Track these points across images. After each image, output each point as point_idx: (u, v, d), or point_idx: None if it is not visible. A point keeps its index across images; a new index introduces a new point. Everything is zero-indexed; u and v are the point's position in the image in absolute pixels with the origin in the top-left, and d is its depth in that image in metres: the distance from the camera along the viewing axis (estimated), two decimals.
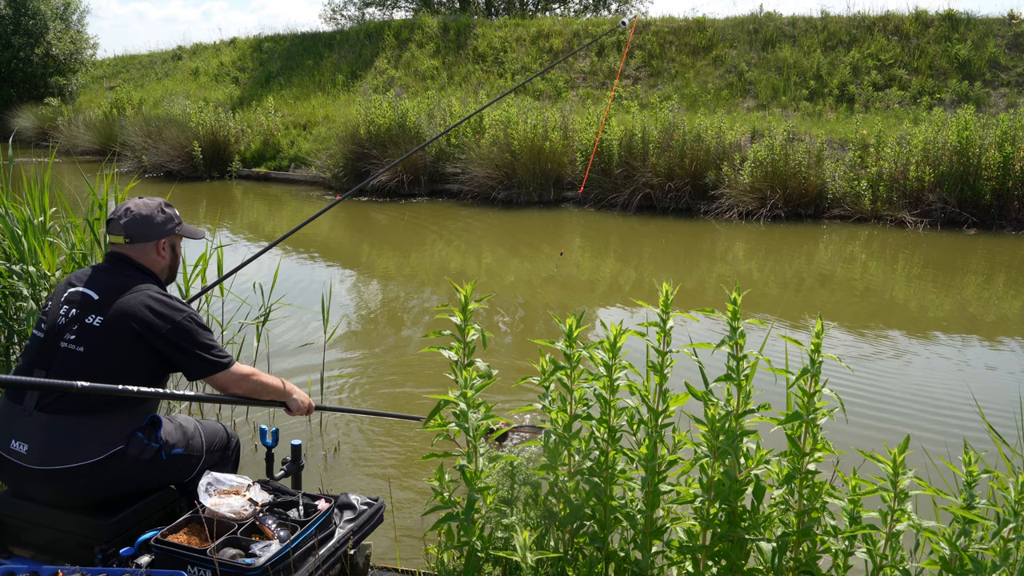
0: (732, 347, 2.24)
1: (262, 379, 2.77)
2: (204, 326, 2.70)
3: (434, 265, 9.76)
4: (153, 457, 2.60)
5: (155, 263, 2.80)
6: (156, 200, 2.86)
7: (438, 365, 5.57)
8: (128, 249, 2.77)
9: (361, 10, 28.56)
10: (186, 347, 2.62)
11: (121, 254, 2.77)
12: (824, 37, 16.33)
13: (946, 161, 10.96)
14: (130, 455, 2.55)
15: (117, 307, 2.60)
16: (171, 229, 2.83)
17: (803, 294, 8.35)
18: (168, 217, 2.84)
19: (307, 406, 2.89)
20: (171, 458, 2.67)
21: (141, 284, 2.69)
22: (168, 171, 16.33)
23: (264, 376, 2.79)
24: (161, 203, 2.86)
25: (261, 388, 2.76)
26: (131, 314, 2.59)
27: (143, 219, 2.77)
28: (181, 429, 2.76)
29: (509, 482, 2.54)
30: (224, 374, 2.68)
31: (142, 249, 2.77)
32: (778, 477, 2.27)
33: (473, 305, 2.55)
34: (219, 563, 2.27)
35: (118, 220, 2.77)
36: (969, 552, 2.06)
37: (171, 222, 2.84)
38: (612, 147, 12.55)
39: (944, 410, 5.11)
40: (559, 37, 18.58)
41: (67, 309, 2.62)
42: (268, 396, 2.80)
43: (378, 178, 13.35)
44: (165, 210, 2.85)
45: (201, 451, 2.80)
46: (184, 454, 2.73)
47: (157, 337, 2.58)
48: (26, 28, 26.28)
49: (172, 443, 2.69)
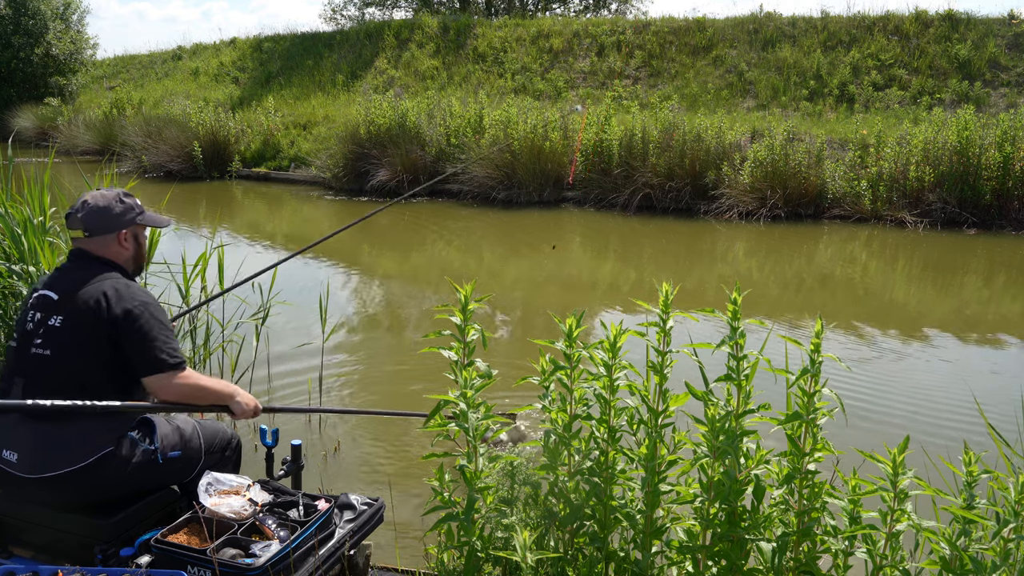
0: (732, 347, 2.24)
1: (204, 383, 2.65)
2: (162, 320, 2.61)
3: (434, 265, 9.76)
4: (148, 460, 2.57)
5: (118, 255, 2.74)
6: (114, 191, 2.79)
7: (438, 365, 5.57)
8: (88, 243, 2.70)
9: (361, 10, 28.60)
10: (135, 337, 2.53)
11: (82, 250, 2.71)
12: (824, 37, 16.33)
13: (946, 161, 10.96)
14: (122, 457, 2.51)
15: (74, 302, 2.56)
16: (131, 219, 2.76)
17: (803, 294, 8.35)
18: (128, 207, 2.76)
19: (252, 409, 2.77)
20: (168, 461, 2.63)
21: (102, 275, 2.63)
22: (168, 171, 16.33)
23: (207, 380, 2.68)
24: (119, 193, 2.79)
25: (202, 393, 2.63)
26: (86, 306, 2.54)
27: (101, 211, 2.70)
28: (178, 431, 2.72)
29: (509, 482, 2.54)
30: (167, 376, 2.55)
31: (103, 242, 2.70)
32: (778, 477, 2.27)
33: (473, 305, 2.55)
34: (219, 563, 2.27)
35: (75, 214, 2.70)
36: (969, 552, 2.06)
37: (131, 211, 2.77)
38: (612, 147, 12.55)
39: (944, 410, 5.11)
40: (559, 37, 18.58)
41: (33, 314, 2.60)
42: (209, 400, 2.67)
43: (446, 182, 13.39)
44: (124, 200, 2.77)
45: (200, 453, 2.76)
46: (182, 456, 2.69)
47: (110, 324, 2.51)
48: (26, 28, 26.28)
49: (169, 446, 2.65)
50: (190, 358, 5.15)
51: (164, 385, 2.56)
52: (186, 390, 2.59)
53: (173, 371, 2.56)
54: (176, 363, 2.58)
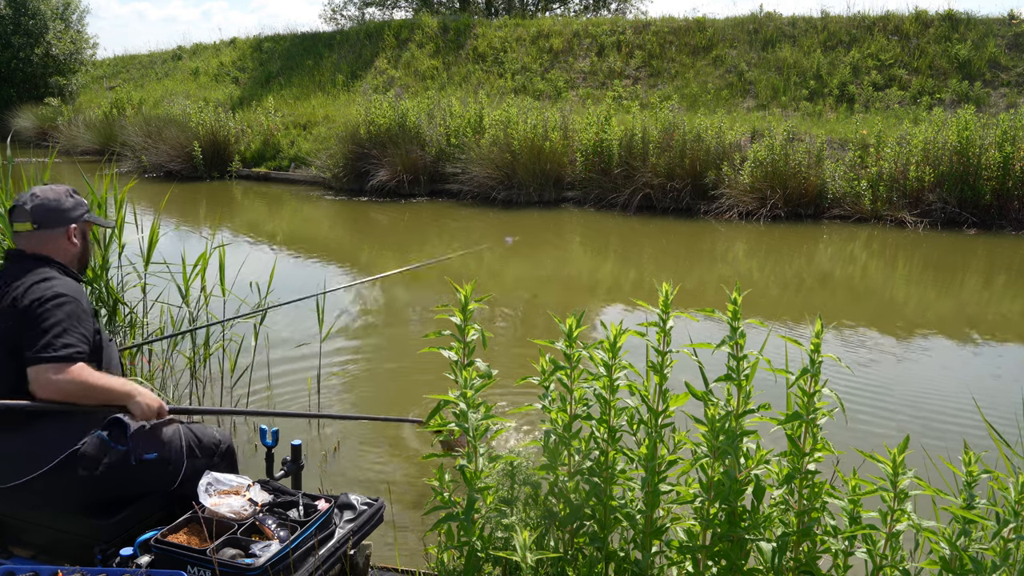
0: (732, 347, 2.24)
1: (93, 381, 2.44)
2: (69, 313, 2.44)
3: (434, 265, 9.76)
4: (120, 461, 2.50)
5: (65, 251, 2.63)
6: (63, 186, 2.71)
7: (438, 365, 5.57)
8: (32, 239, 2.59)
9: (361, 10, 28.62)
10: (30, 325, 2.39)
11: (20, 251, 2.61)
12: (824, 37, 16.33)
13: (946, 161, 10.96)
14: (90, 457, 2.44)
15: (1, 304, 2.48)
16: (80, 215, 2.68)
17: (803, 294, 8.35)
18: (77, 203, 2.69)
19: (155, 409, 2.59)
20: (142, 463, 2.55)
21: (34, 271, 2.52)
22: (168, 171, 16.33)
23: (98, 377, 2.48)
24: (69, 189, 2.71)
25: (89, 391, 2.43)
26: (7, 305, 2.46)
27: (52, 203, 2.61)
28: (156, 432, 2.63)
29: (509, 482, 2.54)
30: (48, 368, 2.35)
31: (50, 237, 2.60)
32: (778, 477, 2.27)
33: (473, 305, 2.55)
34: (219, 563, 2.27)
35: (23, 206, 2.59)
36: (969, 552, 2.06)
37: (80, 207, 2.69)
38: (612, 147, 12.55)
39: (944, 410, 5.11)
40: (559, 37, 18.58)
41: None
42: (99, 400, 2.48)
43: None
44: (74, 195, 2.70)
45: (181, 456, 2.65)
46: (159, 459, 2.59)
47: (19, 318, 2.42)
48: (26, 28, 26.28)
49: (144, 447, 2.56)
50: (189, 358, 5.15)
51: (43, 379, 2.36)
52: (70, 387, 2.39)
53: (55, 363, 2.36)
54: (61, 356, 2.37)
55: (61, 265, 2.62)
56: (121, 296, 4.97)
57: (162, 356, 5.12)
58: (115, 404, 2.53)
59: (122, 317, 4.90)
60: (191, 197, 14.62)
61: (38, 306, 2.43)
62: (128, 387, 2.55)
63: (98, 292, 4.71)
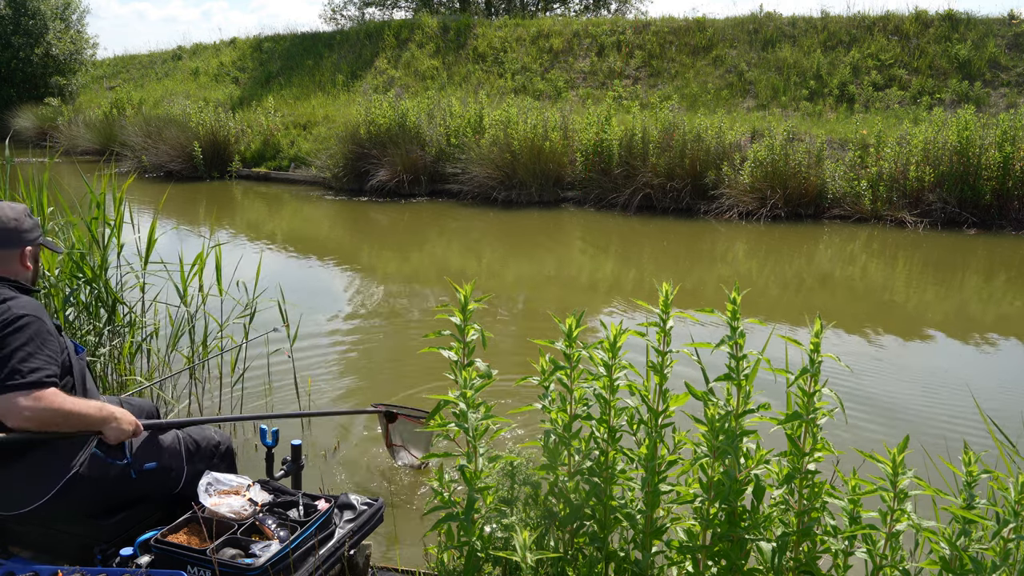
0: (732, 347, 2.24)
1: (68, 407, 2.34)
2: (33, 336, 2.34)
3: (434, 265, 9.76)
4: (120, 475, 2.51)
5: (18, 272, 2.57)
6: (21, 206, 2.64)
7: (438, 365, 5.57)
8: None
9: (361, 10, 28.61)
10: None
11: None
12: (824, 37, 16.33)
13: (946, 161, 10.96)
14: (91, 478, 2.44)
15: None
16: (35, 237, 2.62)
17: (803, 294, 8.35)
18: (35, 223, 2.64)
19: (131, 431, 2.51)
20: (143, 474, 2.56)
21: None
22: (168, 171, 16.34)
23: (72, 403, 2.36)
24: (26, 210, 2.64)
25: (64, 418, 2.33)
26: None
27: (9, 223, 2.55)
28: (154, 442, 2.63)
29: (509, 482, 2.54)
30: (16, 396, 2.24)
31: (4, 256, 2.53)
32: (778, 477, 2.27)
33: (473, 305, 2.55)
34: (219, 563, 2.27)
35: None
36: (969, 552, 2.06)
37: (36, 229, 2.64)
38: (612, 147, 12.55)
39: (944, 410, 5.11)
40: (559, 37, 18.58)
41: None
42: (74, 427, 2.38)
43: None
44: (32, 217, 2.64)
45: (181, 463, 2.67)
46: (159, 467, 2.60)
47: None
48: (26, 28, 26.27)
49: (143, 458, 2.57)
50: (188, 357, 5.15)
51: (14, 407, 2.24)
52: (44, 415, 2.27)
53: (24, 391, 2.25)
54: (30, 382, 2.26)
55: (15, 283, 2.54)
56: (120, 296, 4.97)
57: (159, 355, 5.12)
58: (91, 430, 2.43)
59: (120, 317, 4.90)
60: (191, 197, 14.62)
61: (3, 330, 2.33)
62: (104, 412, 2.44)
63: (97, 292, 4.71)
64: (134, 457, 2.54)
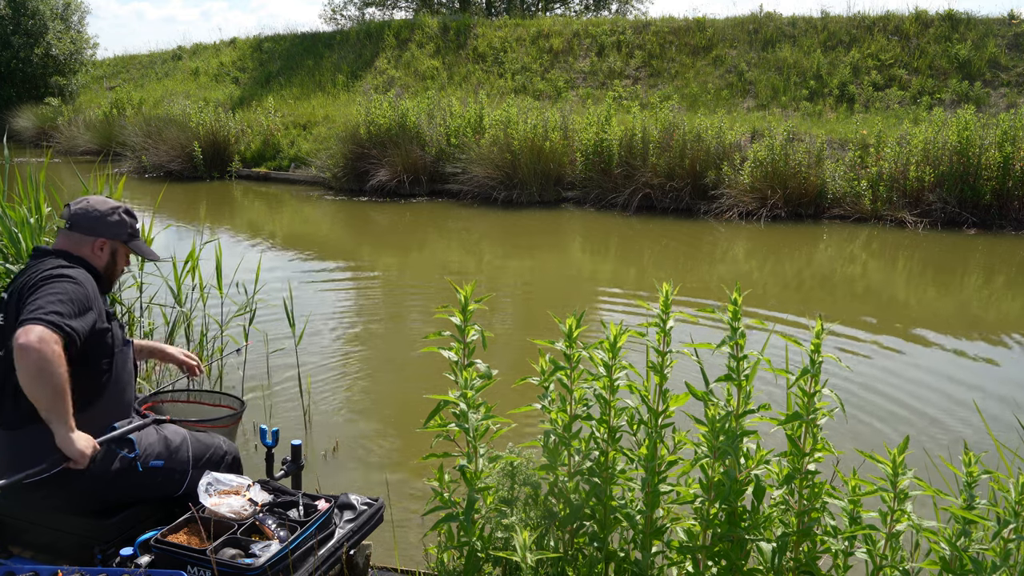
0: (732, 347, 2.24)
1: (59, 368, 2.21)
2: (71, 294, 2.35)
3: (434, 265, 9.76)
4: (126, 467, 2.50)
5: (90, 256, 2.61)
6: (119, 204, 2.69)
7: (438, 365, 5.57)
8: (62, 237, 2.61)
9: (361, 10, 28.63)
10: (30, 293, 2.35)
11: (42, 247, 2.62)
12: (824, 37, 16.33)
13: (946, 161, 10.96)
14: (98, 463, 2.43)
15: (12, 297, 2.46)
16: (119, 234, 2.65)
17: (803, 294, 8.35)
18: (123, 222, 2.66)
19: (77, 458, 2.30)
20: (148, 470, 2.55)
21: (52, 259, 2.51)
22: (168, 171, 16.33)
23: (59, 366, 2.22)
24: (123, 208, 2.68)
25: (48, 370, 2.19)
26: (17, 297, 2.42)
27: (93, 212, 2.62)
28: (164, 441, 2.63)
29: (509, 482, 2.54)
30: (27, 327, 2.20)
31: (78, 240, 2.60)
32: (778, 477, 2.27)
33: (473, 306, 2.55)
34: (219, 563, 2.27)
35: (69, 206, 2.63)
36: (969, 552, 2.06)
37: (123, 228, 2.66)
38: (612, 147, 12.55)
39: (944, 410, 5.11)
40: (559, 37, 18.58)
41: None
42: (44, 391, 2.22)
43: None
44: (123, 216, 2.67)
45: (187, 465, 2.66)
46: (165, 467, 2.59)
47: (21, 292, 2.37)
48: (26, 28, 26.26)
49: (151, 455, 2.57)
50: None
51: (23, 332, 2.20)
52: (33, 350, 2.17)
53: (35, 324, 2.21)
54: (43, 319, 2.23)
55: (82, 259, 2.58)
56: (118, 296, 4.97)
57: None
58: (48, 414, 2.26)
59: (119, 316, 4.90)
60: (191, 197, 14.62)
61: (43, 280, 2.38)
62: (70, 420, 2.28)
63: None
64: (142, 452, 2.54)
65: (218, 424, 3.00)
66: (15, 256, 4.38)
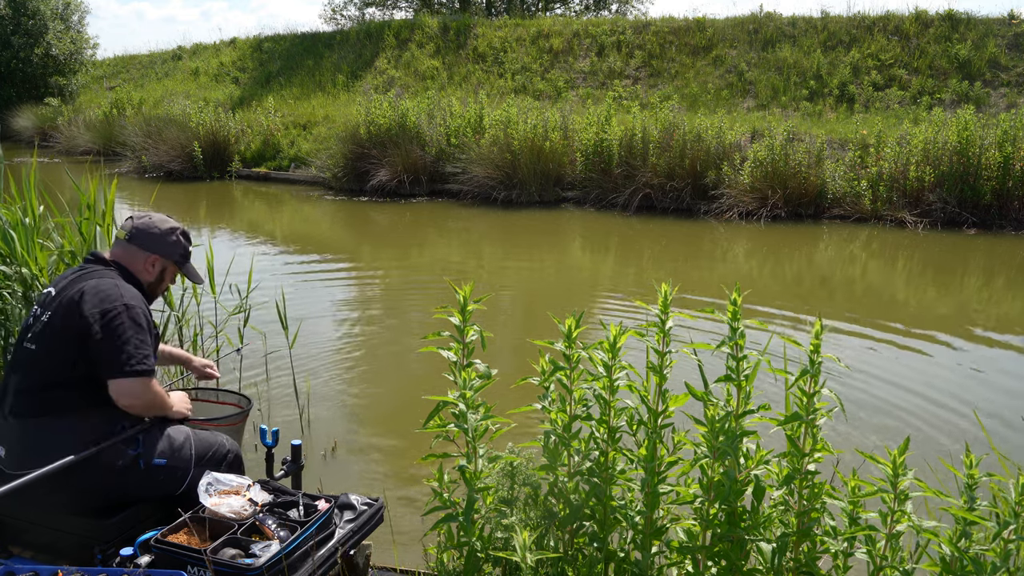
0: (732, 348, 2.24)
1: (164, 397, 2.64)
2: (140, 324, 2.54)
3: (434, 265, 9.76)
4: (129, 464, 2.52)
5: (139, 271, 2.72)
6: (179, 225, 2.82)
7: (438, 366, 5.57)
8: (117, 248, 2.72)
9: (361, 10, 28.62)
10: (105, 336, 2.47)
11: (98, 253, 2.72)
12: (824, 37, 16.33)
13: (946, 161, 10.96)
14: (103, 459, 2.47)
15: (61, 298, 2.54)
16: (171, 254, 2.77)
17: (803, 294, 8.35)
18: (179, 243, 2.79)
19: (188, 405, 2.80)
20: (150, 468, 2.57)
21: (98, 271, 2.61)
22: (168, 171, 16.32)
23: (162, 392, 2.64)
24: (181, 229, 2.81)
25: (160, 407, 2.63)
26: (68, 300, 2.51)
27: (152, 228, 2.74)
28: (168, 439, 2.64)
29: (509, 482, 2.54)
30: (136, 381, 2.48)
31: (132, 252, 2.72)
32: (778, 478, 2.27)
33: (472, 306, 2.55)
34: (219, 563, 2.27)
35: (131, 219, 2.74)
36: (969, 553, 2.06)
37: (178, 249, 2.78)
38: (612, 147, 12.55)
39: (945, 411, 5.10)
40: (559, 37, 18.58)
41: (35, 310, 2.61)
42: (159, 412, 2.67)
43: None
44: (180, 238, 2.79)
45: (189, 465, 2.67)
46: (167, 466, 2.61)
47: (80, 320, 2.47)
48: (26, 28, 26.25)
49: (154, 453, 2.58)
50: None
51: (129, 390, 2.49)
52: (149, 400, 2.55)
53: (141, 377, 2.49)
54: (146, 370, 2.50)
55: (129, 273, 2.70)
56: None
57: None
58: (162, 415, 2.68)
59: None
60: (191, 197, 14.62)
61: (113, 317, 2.49)
62: (170, 406, 2.70)
63: None
64: (145, 449, 2.56)
65: (226, 423, 3.04)
66: (9, 257, 4.37)
